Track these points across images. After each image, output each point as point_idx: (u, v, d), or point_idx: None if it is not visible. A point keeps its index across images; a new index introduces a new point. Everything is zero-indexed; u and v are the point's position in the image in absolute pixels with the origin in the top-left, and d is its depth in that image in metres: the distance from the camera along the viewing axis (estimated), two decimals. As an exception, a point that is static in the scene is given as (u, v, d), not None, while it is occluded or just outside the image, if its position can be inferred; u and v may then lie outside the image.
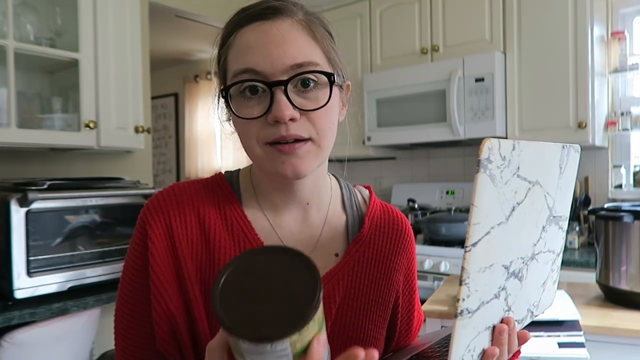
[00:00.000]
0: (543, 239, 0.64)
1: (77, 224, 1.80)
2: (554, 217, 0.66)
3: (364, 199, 0.80)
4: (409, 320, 0.82)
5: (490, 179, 0.51)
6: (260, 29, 0.63)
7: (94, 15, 2.03)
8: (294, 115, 0.61)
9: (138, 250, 0.68)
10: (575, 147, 0.68)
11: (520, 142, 0.54)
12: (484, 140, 0.50)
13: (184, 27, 3.66)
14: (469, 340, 0.54)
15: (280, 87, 0.60)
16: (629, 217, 1.48)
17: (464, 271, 0.51)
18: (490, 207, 0.52)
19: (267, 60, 0.61)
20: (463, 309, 0.52)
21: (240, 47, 0.63)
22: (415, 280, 0.83)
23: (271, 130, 0.61)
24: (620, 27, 2.54)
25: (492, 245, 0.54)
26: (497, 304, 0.58)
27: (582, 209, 2.53)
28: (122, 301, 0.69)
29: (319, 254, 0.71)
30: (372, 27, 2.97)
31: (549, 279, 0.71)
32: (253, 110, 0.62)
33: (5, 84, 1.80)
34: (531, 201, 0.59)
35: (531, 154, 0.57)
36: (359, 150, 2.94)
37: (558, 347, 1.16)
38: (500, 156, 0.52)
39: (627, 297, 1.48)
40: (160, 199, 0.69)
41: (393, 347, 0.82)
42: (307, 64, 0.62)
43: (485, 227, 0.52)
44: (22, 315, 1.53)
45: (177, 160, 5.18)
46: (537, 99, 2.44)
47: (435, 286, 2.31)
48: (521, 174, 0.56)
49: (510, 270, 0.58)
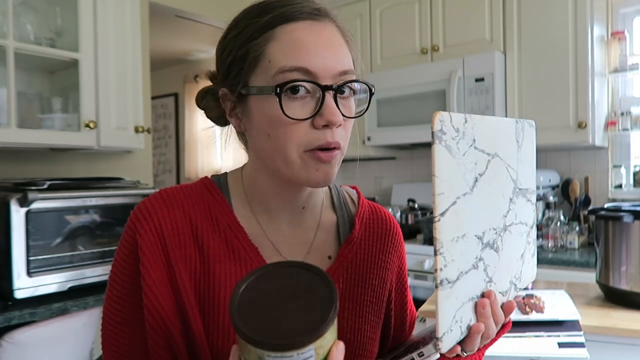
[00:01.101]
0: (513, 211, 0.67)
1: (77, 224, 1.80)
2: (520, 189, 0.69)
3: (352, 200, 0.79)
4: (403, 318, 0.82)
5: (447, 150, 0.54)
6: (313, 29, 0.61)
7: (94, 15, 2.03)
8: (342, 121, 0.61)
9: (129, 261, 0.65)
10: (529, 122, 0.72)
11: (472, 115, 0.57)
12: (434, 113, 0.52)
13: (184, 27, 3.65)
14: (454, 310, 0.56)
15: (331, 91, 0.60)
16: (629, 217, 1.48)
17: (436, 241, 0.53)
18: (451, 177, 0.55)
19: (320, 63, 0.60)
20: (442, 279, 0.54)
21: (290, 43, 0.60)
22: (407, 278, 0.83)
23: (317, 135, 0.60)
24: (620, 27, 2.54)
25: (460, 215, 0.56)
26: (477, 274, 0.60)
27: (582, 209, 2.53)
28: (112, 310, 0.66)
29: (313, 257, 0.70)
30: (372, 27, 2.97)
31: (527, 251, 0.73)
32: (299, 111, 0.60)
33: (5, 84, 1.80)
34: (493, 173, 0.62)
35: (486, 127, 0.60)
36: (359, 150, 2.94)
37: (558, 347, 1.16)
38: (454, 128, 0.54)
39: (627, 297, 1.48)
40: (149, 205, 0.66)
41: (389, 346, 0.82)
42: (351, 72, 0.63)
43: (451, 197, 0.55)
44: (22, 315, 1.53)
45: (177, 160, 5.17)
46: (537, 99, 2.44)
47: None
48: (478, 146, 0.59)
49: (484, 241, 0.61)
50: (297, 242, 0.70)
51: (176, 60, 4.88)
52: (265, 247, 0.68)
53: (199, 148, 4.84)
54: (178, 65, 5.01)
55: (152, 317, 0.62)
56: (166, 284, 0.62)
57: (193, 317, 0.62)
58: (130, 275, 0.64)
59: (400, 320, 0.82)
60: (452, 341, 0.57)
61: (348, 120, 0.64)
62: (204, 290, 0.64)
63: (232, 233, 0.66)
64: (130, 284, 0.64)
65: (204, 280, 0.64)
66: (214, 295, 0.63)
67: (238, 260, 0.65)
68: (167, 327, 0.62)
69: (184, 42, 4.32)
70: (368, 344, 0.72)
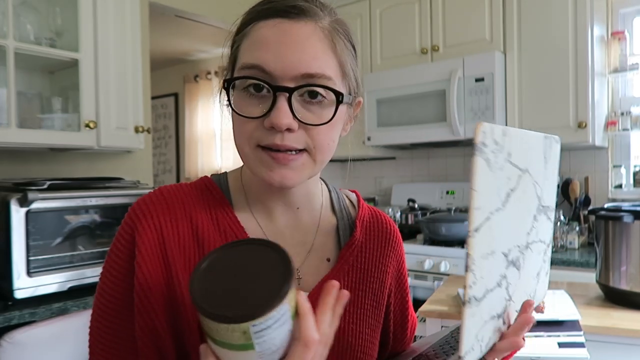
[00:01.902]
0: (535, 229, 0.65)
1: (77, 224, 1.80)
2: (543, 206, 0.67)
3: (352, 203, 0.79)
4: (403, 324, 0.82)
5: (487, 163, 0.52)
6: (279, 27, 0.59)
7: (94, 15, 2.03)
8: (291, 126, 0.58)
9: (123, 258, 0.63)
10: (555, 138, 0.70)
11: (508, 128, 0.55)
12: (478, 124, 0.50)
13: (184, 27, 3.66)
14: (477, 329, 0.55)
15: (285, 93, 0.57)
16: (629, 217, 1.48)
17: (469, 257, 0.51)
18: (488, 192, 0.53)
19: (278, 62, 0.57)
20: (471, 297, 0.52)
21: (254, 40, 0.60)
22: (407, 283, 0.82)
23: (265, 135, 0.59)
24: (620, 27, 2.54)
25: (493, 231, 0.54)
26: (500, 293, 0.58)
27: (582, 209, 2.53)
28: (100, 312, 0.64)
29: (312, 259, 0.70)
30: (372, 27, 2.97)
31: (542, 269, 0.72)
32: (253, 109, 0.59)
33: (5, 84, 1.80)
34: (523, 189, 0.60)
35: (520, 141, 0.58)
36: (359, 150, 2.94)
37: (558, 347, 1.16)
38: (494, 141, 0.52)
39: (627, 297, 1.48)
40: (149, 202, 0.64)
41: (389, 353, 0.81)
42: (319, 76, 0.59)
43: (485, 212, 0.52)
44: (22, 315, 1.53)
45: (177, 160, 5.18)
46: (537, 99, 2.44)
47: (435, 286, 2.31)
48: (512, 161, 0.56)
49: (509, 258, 0.59)
50: (296, 243, 0.70)
51: (176, 60, 4.89)
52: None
53: (199, 148, 4.84)
54: (178, 65, 5.01)
55: (141, 317, 0.60)
56: (160, 283, 0.61)
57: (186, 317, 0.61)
58: (123, 273, 0.63)
59: (401, 325, 0.81)
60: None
61: (314, 127, 0.59)
62: None
63: (232, 232, 0.66)
64: (123, 280, 0.63)
65: None
66: None
67: None
68: (158, 332, 0.60)
69: (184, 42, 4.32)
70: (368, 347, 0.72)
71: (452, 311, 1.49)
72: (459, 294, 1.56)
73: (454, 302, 1.57)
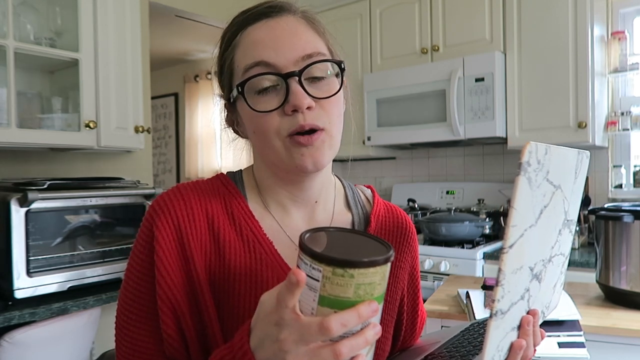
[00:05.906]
0: (558, 242, 0.66)
1: (77, 224, 1.80)
2: (568, 220, 0.68)
3: (367, 198, 0.81)
4: (414, 319, 0.83)
5: (528, 182, 0.53)
6: (268, 25, 0.65)
7: (94, 15, 2.03)
8: (310, 104, 0.63)
9: (144, 253, 0.65)
10: (586, 154, 0.70)
11: (550, 146, 0.56)
12: (526, 143, 0.51)
13: (184, 27, 3.66)
14: (499, 340, 0.56)
15: (295, 77, 0.62)
16: (629, 217, 1.48)
17: (500, 273, 0.52)
18: (525, 209, 0.54)
19: (278, 53, 0.63)
20: (497, 310, 0.53)
21: (248, 44, 0.65)
22: (419, 279, 0.84)
23: (290, 121, 0.63)
24: (620, 27, 2.54)
25: (524, 247, 0.55)
26: (522, 305, 0.59)
27: (582, 209, 2.53)
28: (126, 306, 0.66)
29: None
30: (372, 27, 2.97)
31: (558, 281, 0.72)
32: (269, 103, 0.63)
33: (5, 84, 1.80)
34: (554, 205, 0.60)
35: (557, 158, 0.59)
36: (359, 150, 2.94)
37: (558, 347, 1.16)
38: (537, 160, 0.53)
39: (627, 297, 1.48)
40: (167, 199, 0.67)
41: (399, 347, 0.82)
42: (317, 54, 0.65)
43: (520, 230, 0.54)
44: (22, 315, 1.53)
45: (177, 160, 5.17)
46: (537, 99, 2.44)
47: (435, 286, 2.31)
48: (549, 178, 0.57)
49: (534, 272, 0.60)
50: None
51: (176, 60, 4.89)
52: (280, 241, 0.69)
53: (199, 148, 4.84)
54: (178, 65, 5.01)
55: (165, 306, 0.62)
56: (180, 275, 0.63)
57: (206, 307, 0.63)
58: (145, 266, 0.65)
59: (411, 320, 0.83)
60: None
61: (326, 101, 0.65)
62: (219, 281, 0.65)
63: (247, 226, 0.68)
64: (145, 274, 0.65)
65: (220, 271, 0.65)
66: (229, 286, 0.64)
67: (253, 253, 0.66)
68: (181, 322, 0.63)
69: (184, 42, 4.32)
70: (382, 342, 0.73)
71: (452, 311, 1.50)
72: (459, 293, 1.56)
73: (453, 302, 1.57)
